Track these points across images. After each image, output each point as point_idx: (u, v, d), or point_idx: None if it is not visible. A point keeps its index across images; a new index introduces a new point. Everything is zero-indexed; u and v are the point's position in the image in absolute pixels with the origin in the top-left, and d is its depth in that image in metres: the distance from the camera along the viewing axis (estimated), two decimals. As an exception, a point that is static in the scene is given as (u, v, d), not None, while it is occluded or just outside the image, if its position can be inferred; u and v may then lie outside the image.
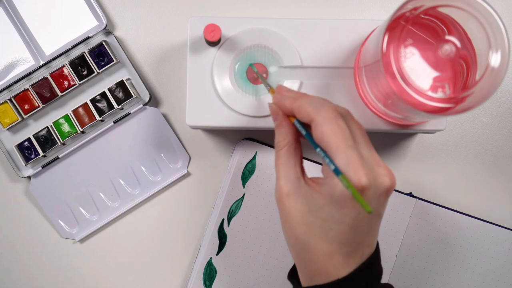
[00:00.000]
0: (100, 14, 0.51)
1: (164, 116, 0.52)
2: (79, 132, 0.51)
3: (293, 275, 0.39)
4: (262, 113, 0.45)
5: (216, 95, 0.45)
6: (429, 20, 0.37)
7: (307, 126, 0.36)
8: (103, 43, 0.50)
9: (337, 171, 0.32)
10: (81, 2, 0.51)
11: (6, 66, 0.51)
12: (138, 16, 0.53)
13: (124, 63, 0.51)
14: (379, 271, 0.36)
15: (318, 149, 0.34)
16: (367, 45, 0.42)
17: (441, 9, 0.37)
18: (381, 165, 0.34)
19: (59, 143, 0.51)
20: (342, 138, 0.32)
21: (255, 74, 0.45)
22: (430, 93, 0.36)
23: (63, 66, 0.51)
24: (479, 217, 0.50)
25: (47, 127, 0.51)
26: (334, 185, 0.33)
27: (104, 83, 0.52)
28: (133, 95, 0.51)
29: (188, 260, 0.52)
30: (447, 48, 0.36)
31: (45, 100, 0.51)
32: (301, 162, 0.37)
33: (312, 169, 0.48)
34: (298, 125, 0.36)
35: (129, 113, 0.51)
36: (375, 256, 0.36)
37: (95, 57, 0.51)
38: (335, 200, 0.33)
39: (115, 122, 0.52)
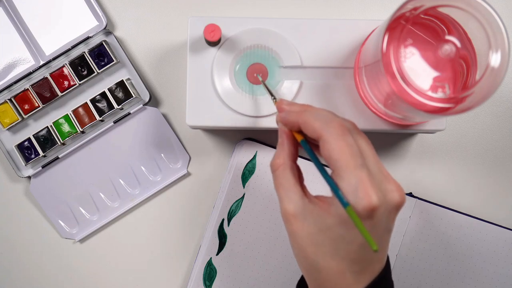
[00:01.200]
0: (100, 14, 0.51)
1: (164, 116, 0.52)
2: (79, 132, 0.51)
3: (302, 287, 0.38)
4: (262, 113, 0.45)
5: (216, 95, 0.45)
6: (429, 20, 0.37)
7: (315, 141, 0.35)
8: (103, 43, 0.50)
9: (344, 203, 0.31)
10: (81, 2, 0.51)
11: (6, 66, 0.51)
12: (138, 16, 0.53)
13: (124, 63, 0.51)
14: (390, 286, 0.36)
15: (325, 177, 0.33)
16: (367, 45, 0.42)
17: (441, 9, 0.37)
18: (390, 180, 0.33)
19: (59, 143, 0.51)
20: (351, 157, 0.32)
21: (257, 76, 0.45)
22: (430, 93, 0.36)
23: (63, 66, 0.51)
24: (479, 217, 0.50)
25: (47, 127, 0.51)
26: None
27: (104, 83, 0.52)
28: (133, 95, 0.50)
29: (188, 260, 0.52)
30: (447, 48, 0.36)
31: (45, 100, 0.51)
32: (302, 181, 0.36)
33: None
34: (306, 148, 0.35)
35: (129, 113, 0.51)
36: (386, 271, 0.35)
37: (95, 57, 0.51)
38: (344, 221, 0.32)
39: (115, 122, 0.52)
